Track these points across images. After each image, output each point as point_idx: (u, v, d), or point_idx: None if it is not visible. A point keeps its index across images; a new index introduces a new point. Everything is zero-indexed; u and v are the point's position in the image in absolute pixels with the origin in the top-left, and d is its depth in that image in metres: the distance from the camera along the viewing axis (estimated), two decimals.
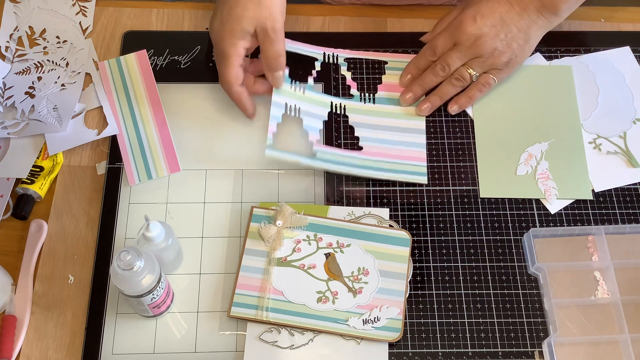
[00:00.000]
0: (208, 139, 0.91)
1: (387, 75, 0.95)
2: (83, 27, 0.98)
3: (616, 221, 0.86)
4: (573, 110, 0.92)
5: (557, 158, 0.89)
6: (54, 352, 0.79)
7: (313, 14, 1.01)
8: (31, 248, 0.84)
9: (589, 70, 0.95)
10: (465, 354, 0.79)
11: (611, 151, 0.90)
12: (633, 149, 0.90)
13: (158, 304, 0.77)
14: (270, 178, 0.88)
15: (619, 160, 0.90)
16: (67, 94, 0.93)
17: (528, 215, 0.86)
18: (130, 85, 0.93)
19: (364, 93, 0.94)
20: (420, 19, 1.01)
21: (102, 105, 0.92)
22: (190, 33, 0.99)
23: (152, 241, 0.75)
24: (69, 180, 0.88)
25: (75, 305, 0.81)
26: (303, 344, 0.79)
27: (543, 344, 0.79)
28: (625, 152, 0.90)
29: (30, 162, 0.88)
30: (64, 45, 0.97)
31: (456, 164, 0.90)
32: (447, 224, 0.86)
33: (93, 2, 1.01)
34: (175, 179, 0.88)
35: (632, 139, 0.91)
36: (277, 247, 0.82)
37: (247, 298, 0.80)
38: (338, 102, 0.93)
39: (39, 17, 0.99)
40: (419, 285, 0.83)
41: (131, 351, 0.79)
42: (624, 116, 0.93)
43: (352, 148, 0.90)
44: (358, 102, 0.93)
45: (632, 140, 0.91)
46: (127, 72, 0.94)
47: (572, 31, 1.00)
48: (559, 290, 0.82)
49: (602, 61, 0.96)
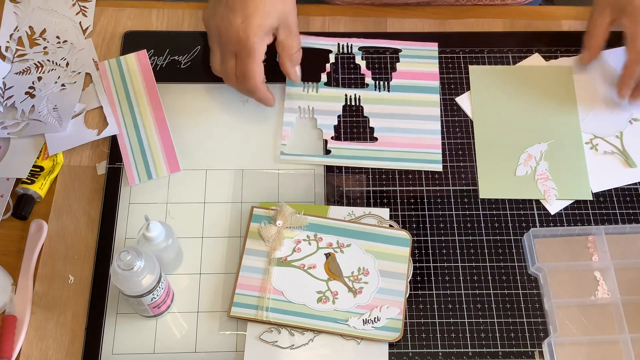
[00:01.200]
0: (208, 139, 0.91)
1: (401, 63, 0.96)
2: (83, 27, 0.98)
3: (616, 221, 0.86)
4: (572, 111, 0.92)
5: (556, 159, 0.89)
6: (54, 352, 0.79)
7: (313, 14, 1.01)
8: (31, 248, 0.84)
9: (587, 70, 0.95)
10: (465, 354, 0.79)
11: (608, 151, 0.90)
12: (630, 149, 0.90)
13: (158, 304, 0.77)
14: (270, 178, 0.88)
15: (616, 161, 0.90)
16: (67, 94, 0.93)
17: (528, 216, 0.86)
18: (130, 85, 0.93)
19: (379, 82, 0.94)
20: (420, 19, 1.01)
21: (102, 105, 0.92)
22: (190, 33, 0.99)
23: (152, 241, 0.75)
24: (69, 180, 0.88)
25: (75, 305, 0.81)
26: (303, 344, 0.79)
27: (543, 344, 0.79)
28: (622, 152, 0.90)
29: (31, 162, 0.88)
30: (64, 45, 0.97)
31: (456, 164, 0.90)
32: (447, 224, 0.86)
33: (93, 2, 1.01)
34: (175, 179, 0.88)
35: (629, 139, 0.91)
36: (277, 247, 0.82)
37: (247, 298, 0.80)
38: (353, 94, 0.93)
39: (39, 17, 0.99)
40: (419, 285, 0.83)
41: (131, 351, 0.79)
42: (620, 116, 0.93)
43: (367, 139, 0.90)
44: (373, 91, 0.94)
45: (628, 140, 0.91)
46: (127, 72, 0.94)
47: (572, 31, 1.00)
48: (559, 290, 0.82)
49: (600, 61, 0.96)
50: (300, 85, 0.93)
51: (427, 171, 0.89)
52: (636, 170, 0.89)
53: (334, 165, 0.89)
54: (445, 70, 0.96)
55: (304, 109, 0.92)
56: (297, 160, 0.89)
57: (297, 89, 0.93)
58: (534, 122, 0.92)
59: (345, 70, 0.96)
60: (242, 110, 0.93)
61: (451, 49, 0.98)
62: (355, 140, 0.90)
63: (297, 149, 0.90)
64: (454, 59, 0.97)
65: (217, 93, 0.94)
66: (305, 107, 0.92)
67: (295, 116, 0.92)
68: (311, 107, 0.92)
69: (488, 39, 0.98)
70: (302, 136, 0.91)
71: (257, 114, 0.93)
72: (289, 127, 0.91)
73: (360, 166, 0.89)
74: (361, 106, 0.93)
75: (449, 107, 0.93)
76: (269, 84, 0.88)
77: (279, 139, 0.91)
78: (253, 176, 0.89)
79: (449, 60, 0.97)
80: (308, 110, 0.92)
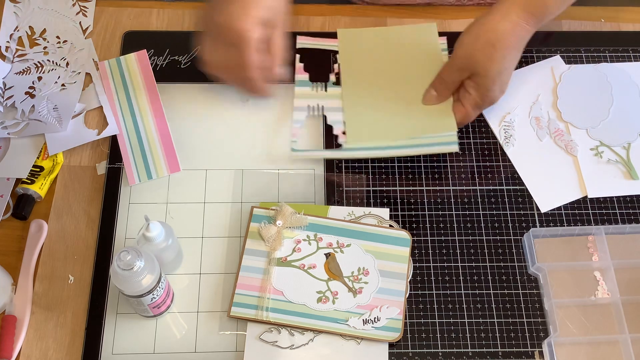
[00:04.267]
0: (208, 139, 0.91)
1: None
2: (83, 27, 0.98)
3: (616, 221, 0.86)
4: (437, 63, 0.93)
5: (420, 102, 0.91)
6: (54, 352, 0.79)
7: (313, 14, 1.01)
8: (31, 248, 0.84)
9: (607, 81, 0.95)
10: (465, 354, 0.79)
11: (612, 160, 0.90)
12: (635, 161, 0.90)
13: (158, 304, 0.77)
14: (270, 178, 0.88)
15: (618, 171, 0.89)
16: (67, 94, 0.93)
17: (528, 215, 0.86)
18: (130, 85, 0.93)
19: None
20: (420, 19, 1.01)
21: (102, 105, 0.92)
22: (190, 33, 0.99)
23: (152, 241, 0.75)
24: (69, 180, 0.88)
25: (75, 305, 0.81)
26: (303, 344, 0.79)
27: (543, 344, 0.79)
28: (625, 162, 0.90)
29: (31, 162, 0.88)
30: (64, 45, 0.97)
31: (456, 164, 0.90)
32: (447, 224, 0.86)
33: (93, 2, 1.01)
34: (175, 179, 0.88)
35: (636, 152, 0.91)
36: (277, 247, 0.82)
37: (247, 298, 0.80)
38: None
39: (39, 17, 0.99)
40: (419, 285, 0.83)
41: (131, 351, 0.79)
42: (632, 128, 0.92)
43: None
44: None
45: (635, 152, 0.91)
46: (127, 72, 0.94)
47: (572, 31, 1.00)
48: (559, 290, 0.82)
49: (620, 72, 0.96)
50: (309, 85, 0.94)
51: (427, 171, 0.89)
52: (637, 183, 0.88)
53: (335, 165, 0.89)
54: None
55: (313, 107, 0.92)
56: (308, 155, 0.89)
57: (306, 89, 0.94)
58: (402, 75, 0.93)
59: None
60: (242, 110, 0.93)
61: (451, 49, 0.97)
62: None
63: (308, 145, 0.90)
64: None
65: (217, 93, 0.94)
66: (314, 105, 0.92)
67: (305, 114, 0.92)
68: (320, 105, 0.92)
69: None
70: (312, 133, 0.91)
71: (257, 113, 0.93)
72: (298, 124, 0.91)
73: (376, 156, 0.89)
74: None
75: None
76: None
77: (279, 138, 0.91)
78: (253, 176, 0.89)
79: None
80: (318, 109, 0.92)
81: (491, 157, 0.91)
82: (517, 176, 0.89)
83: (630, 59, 0.98)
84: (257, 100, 0.93)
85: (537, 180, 0.89)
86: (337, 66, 0.96)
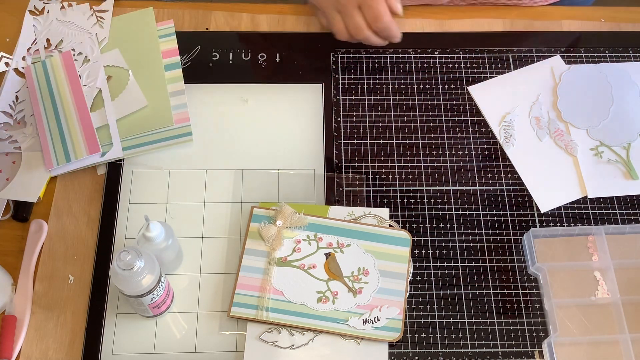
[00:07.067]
0: (208, 139, 0.91)
1: None
2: (99, 38, 0.96)
3: (616, 221, 0.86)
4: (156, 51, 0.95)
5: (144, 89, 0.92)
6: (54, 352, 0.79)
7: (313, 14, 1.01)
8: (31, 248, 0.84)
9: (607, 82, 0.95)
10: (465, 354, 0.79)
11: (612, 160, 0.90)
12: (635, 161, 0.90)
13: (158, 304, 0.77)
14: (270, 178, 0.88)
15: (618, 171, 0.89)
16: None
17: (528, 215, 0.86)
18: (50, 69, 0.93)
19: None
20: (420, 19, 1.01)
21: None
22: (190, 33, 0.99)
23: (152, 241, 0.75)
24: (69, 180, 0.88)
25: (75, 305, 0.81)
26: (303, 344, 0.79)
27: (543, 344, 0.79)
28: (625, 162, 0.90)
29: (41, 185, 0.86)
30: (78, 57, 0.95)
31: (456, 164, 0.90)
32: (447, 224, 0.86)
33: (110, 12, 0.99)
34: (175, 179, 0.88)
35: (636, 152, 0.91)
36: (277, 247, 0.82)
37: (247, 298, 0.80)
38: None
39: (56, 29, 0.97)
40: (419, 285, 0.83)
41: (131, 351, 0.79)
42: (632, 128, 0.93)
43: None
44: None
45: (635, 152, 0.91)
46: (51, 67, 0.94)
47: (572, 31, 1.00)
48: (559, 290, 0.82)
49: (620, 72, 0.96)
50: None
51: (427, 171, 0.89)
52: (637, 183, 0.89)
53: (335, 165, 0.89)
54: (445, 70, 0.96)
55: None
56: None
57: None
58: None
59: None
60: (242, 109, 0.93)
61: (451, 49, 0.98)
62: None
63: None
64: (454, 59, 0.97)
65: (216, 93, 0.94)
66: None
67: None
68: None
69: (488, 39, 0.99)
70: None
71: (257, 113, 0.93)
72: None
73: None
74: None
75: (449, 107, 0.93)
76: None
77: (279, 138, 0.91)
78: (253, 176, 0.89)
79: (449, 60, 0.97)
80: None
81: (491, 157, 0.91)
82: (517, 176, 0.89)
83: (630, 59, 0.98)
84: (257, 100, 0.93)
85: (537, 180, 0.89)
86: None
